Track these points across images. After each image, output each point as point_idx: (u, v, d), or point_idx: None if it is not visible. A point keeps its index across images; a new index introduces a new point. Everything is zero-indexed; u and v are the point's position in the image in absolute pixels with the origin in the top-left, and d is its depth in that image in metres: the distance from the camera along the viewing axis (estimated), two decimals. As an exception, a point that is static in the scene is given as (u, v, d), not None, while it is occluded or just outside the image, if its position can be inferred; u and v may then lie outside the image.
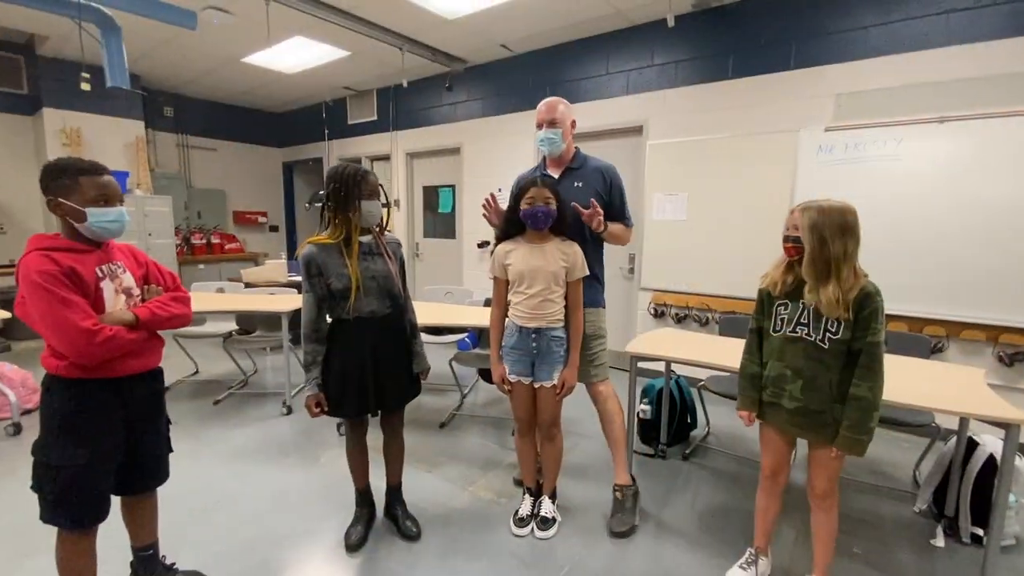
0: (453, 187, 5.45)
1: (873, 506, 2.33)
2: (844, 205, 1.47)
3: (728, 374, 2.24)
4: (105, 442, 1.40)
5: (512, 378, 2.01)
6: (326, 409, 1.83)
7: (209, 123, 6.76)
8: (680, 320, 3.94)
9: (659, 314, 4.04)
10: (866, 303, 1.44)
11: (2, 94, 5.01)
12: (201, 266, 6.28)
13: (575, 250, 1.96)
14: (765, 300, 1.66)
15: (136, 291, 1.48)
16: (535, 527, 2.07)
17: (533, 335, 1.95)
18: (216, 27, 4.06)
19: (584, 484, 2.45)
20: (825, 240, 1.44)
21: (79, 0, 2.98)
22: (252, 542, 1.99)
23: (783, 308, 1.59)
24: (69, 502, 1.37)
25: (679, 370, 2.95)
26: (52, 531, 1.41)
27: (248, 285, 4.57)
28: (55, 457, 1.35)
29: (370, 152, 6.23)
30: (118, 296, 1.43)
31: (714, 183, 3.70)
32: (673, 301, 3.96)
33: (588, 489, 2.41)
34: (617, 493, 2.17)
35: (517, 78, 4.78)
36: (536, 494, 2.17)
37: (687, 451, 2.82)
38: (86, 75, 3.38)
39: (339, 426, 3.05)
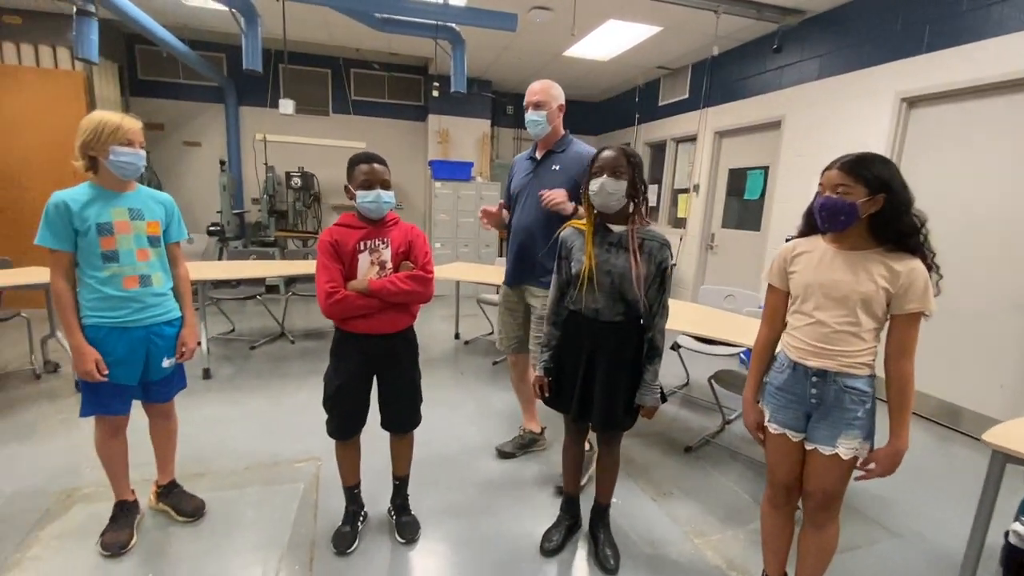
0: (765, 169, 4.58)
1: None
2: None
3: None
4: (351, 378, 1.73)
5: (772, 428, 1.48)
6: (547, 395, 1.78)
7: (539, 116, 7.66)
8: None
9: (1103, 379, 2.41)
10: None
11: (408, 107, 6.86)
12: (514, 241, 7.28)
13: (911, 268, 1.26)
14: None
15: (390, 265, 1.72)
16: (767, 633, 1.53)
17: (814, 378, 1.37)
18: (539, 26, 4.44)
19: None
20: None
21: (436, 23, 3.73)
22: (469, 507, 2.12)
23: None
24: (332, 415, 1.78)
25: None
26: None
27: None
28: (326, 379, 1.76)
29: (676, 134, 5.86)
30: (372, 267, 1.69)
31: None
32: None
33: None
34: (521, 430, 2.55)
35: (876, 22, 3.56)
36: (779, 589, 1.61)
37: (1117, 634, 1.59)
38: (436, 83, 4.23)
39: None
